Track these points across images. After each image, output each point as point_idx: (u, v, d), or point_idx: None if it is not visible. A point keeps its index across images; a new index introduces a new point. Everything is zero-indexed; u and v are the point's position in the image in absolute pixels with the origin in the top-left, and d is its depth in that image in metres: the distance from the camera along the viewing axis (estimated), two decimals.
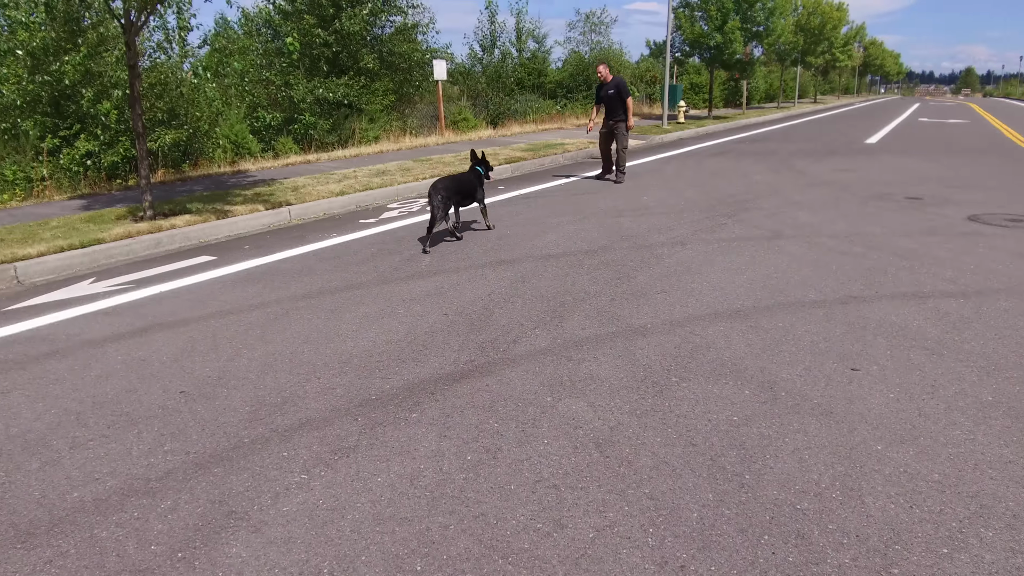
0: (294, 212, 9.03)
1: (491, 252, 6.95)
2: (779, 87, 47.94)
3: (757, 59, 32.88)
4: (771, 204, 9.38)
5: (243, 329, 4.94)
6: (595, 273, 6.10)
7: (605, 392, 3.80)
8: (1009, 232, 7.66)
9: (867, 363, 4.17)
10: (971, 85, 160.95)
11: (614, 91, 11.77)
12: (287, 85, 18.31)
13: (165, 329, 5.00)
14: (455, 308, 5.23)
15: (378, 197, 10.23)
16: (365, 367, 4.19)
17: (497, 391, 3.83)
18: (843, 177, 12.05)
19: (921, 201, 9.60)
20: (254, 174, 12.55)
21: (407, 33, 20.61)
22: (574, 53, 34.33)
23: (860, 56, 71.77)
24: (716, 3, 27.03)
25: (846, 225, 8.02)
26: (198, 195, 10.08)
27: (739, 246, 7.03)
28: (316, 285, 5.96)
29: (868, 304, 5.24)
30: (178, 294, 5.87)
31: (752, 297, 5.41)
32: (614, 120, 11.83)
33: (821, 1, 44.17)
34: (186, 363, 4.35)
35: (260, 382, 4.03)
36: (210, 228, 8.12)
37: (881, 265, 6.31)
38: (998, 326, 4.79)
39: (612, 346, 4.44)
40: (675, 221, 8.27)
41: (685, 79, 38.38)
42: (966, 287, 5.68)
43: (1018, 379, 3.96)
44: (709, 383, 3.90)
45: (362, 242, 7.57)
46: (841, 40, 49.20)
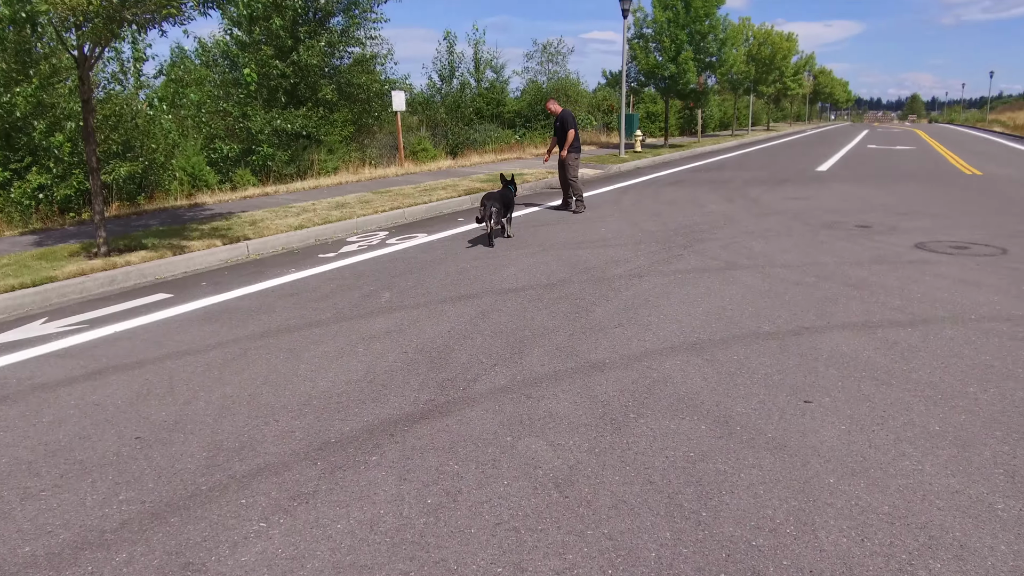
0: (252, 247, 8.97)
1: (451, 287, 6.98)
2: (733, 115, 48.99)
3: (711, 88, 33.64)
4: (726, 234, 9.57)
5: (200, 370, 4.89)
6: (554, 307, 6.16)
7: (564, 430, 3.83)
8: (954, 259, 7.92)
9: (819, 395, 4.28)
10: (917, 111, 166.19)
11: (559, 124, 12.07)
12: (245, 116, 18.24)
13: (120, 371, 4.92)
14: (415, 346, 5.24)
15: (337, 230, 10.22)
16: (324, 408, 4.17)
17: (457, 431, 3.84)
18: (796, 205, 12.35)
19: (870, 229, 9.88)
20: (211, 207, 12.44)
21: (365, 64, 20.70)
22: (532, 83, 34.79)
23: (810, 84, 73.74)
24: (670, 35, 27.61)
25: (799, 255, 8.22)
26: (154, 230, 9.96)
27: (695, 277, 7.16)
28: (275, 323, 5.92)
29: (820, 335, 5.37)
30: (133, 334, 5.78)
31: (708, 329, 5.51)
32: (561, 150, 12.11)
33: (771, 32, 45.44)
34: (141, 407, 4.29)
35: (217, 426, 3.99)
36: (166, 264, 8.02)
37: (832, 295, 6.48)
38: (944, 355, 4.94)
39: (571, 382, 4.49)
40: (633, 253, 8.39)
41: (641, 108, 39.08)
42: (913, 316, 5.85)
43: (963, 408, 4.09)
44: (666, 419, 3.96)
45: (321, 278, 7.55)
46: (791, 69, 50.57)
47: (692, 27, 27.82)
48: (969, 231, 9.73)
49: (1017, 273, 7.27)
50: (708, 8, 27.95)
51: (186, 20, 8.16)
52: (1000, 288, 6.70)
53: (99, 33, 7.61)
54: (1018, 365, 4.74)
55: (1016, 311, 5.96)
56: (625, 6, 23.27)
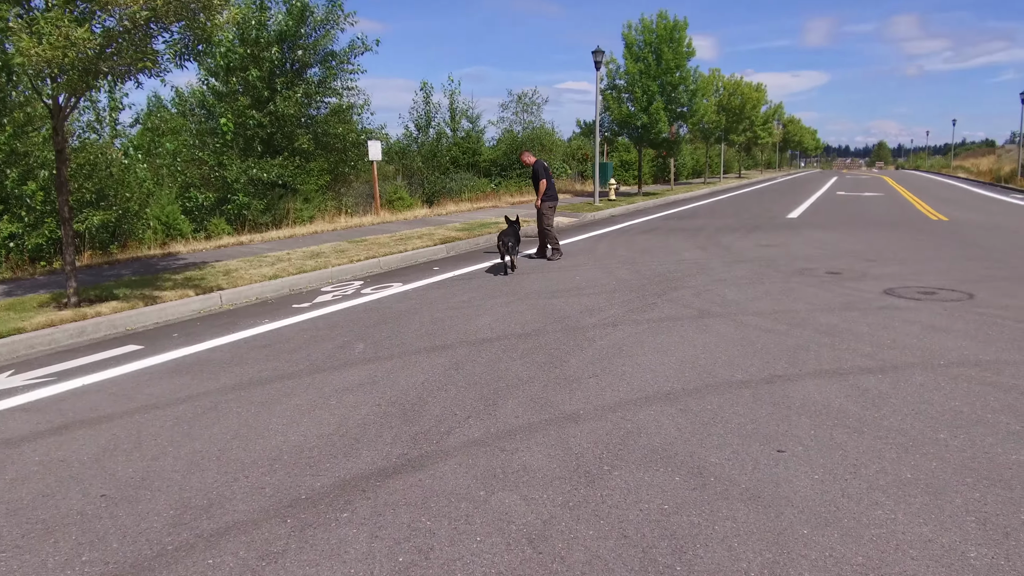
0: (226, 297, 8.91)
1: (426, 337, 6.96)
2: (705, 163, 49.88)
3: (683, 137, 34.25)
4: (699, 282, 9.67)
5: (169, 425, 4.81)
6: (528, 358, 6.16)
7: (538, 484, 3.81)
8: (922, 305, 8.04)
9: (792, 444, 4.29)
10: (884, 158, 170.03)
11: (533, 174, 12.38)
12: (221, 165, 18.26)
13: (87, 426, 4.83)
14: (388, 398, 5.20)
15: (312, 280, 10.19)
16: (296, 464, 4.12)
17: (430, 486, 3.80)
18: (767, 253, 12.53)
19: (840, 276, 10.03)
20: (185, 256, 12.37)
21: (342, 114, 20.88)
22: (507, 132, 35.24)
23: (780, 133, 75.43)
24: (641, 86, 28.23)
25: (770, 302, 8.31)
26: (126, 279, 9.87)
27: (669, 326, 7.21)
28: (247, 375, 5.86)
29: (792, 383, 5.41)
30: (102, 387, 5.69)
31: (681, 379, 5.53)
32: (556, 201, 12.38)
33: (741, 82, 46.59)
34: (108, 463, 4.20)
35: (185, 483, 3.92)
36: (137, 315, 7.94)
37: (804, 342, 6.54)
38: (914, 401, 4.99)
39: (545, 435, 4.47)
40: (606, 301, 8.44)
41: (615, 157, 39.67)
42: (884, 362, 5.92)
43: (934, 455, 4.12)
44: (640, 470, 3.95)
45: (295, 328, 7.50)
46: (761, 118, 51.74)
47: (663, 78, 28.49)
48: (936, 277, 9.91)
49: (984, 318, 7.40)
50: (678, 60, 28.68)
51: (162, 72, 8.21)
52: (968, 333, 6.81)
53: (74, 85, 7.64)
54: (987, 411, 4.80)
55: (984, 356, 6.05)
56: (598, 58, 23.80)
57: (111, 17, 7.39)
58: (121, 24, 7.30)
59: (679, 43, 28.70)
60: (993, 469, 3.93)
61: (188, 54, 8.33)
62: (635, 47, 28.91)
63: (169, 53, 8.05)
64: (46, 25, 6.86)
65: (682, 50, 28.81)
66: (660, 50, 28.29)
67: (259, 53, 18.54)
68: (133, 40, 7.44)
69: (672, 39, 28.49)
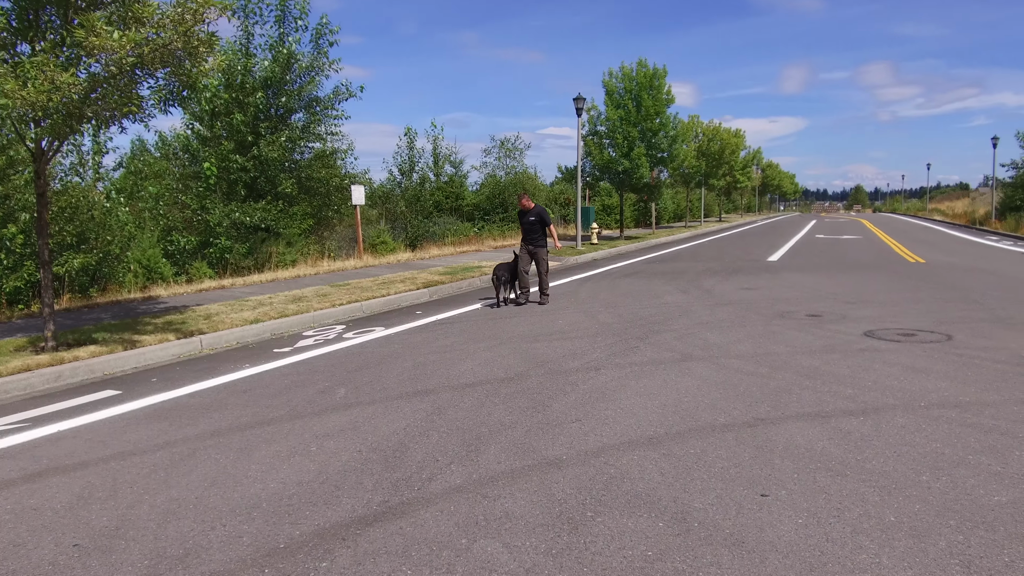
0: (206, 341, 8.84)
1: (408, 382, 6.92)
2: (686, 207, 50.45)
3: (664, 182, 34.70)
4: (681, 325, 9.71)
5: (146, 472, 4.73)
6: (511, 402, 6.13)
7: (521, 531, 3.76)
8: (902, 347, 8.11)
9: (776, 487, 4.28)
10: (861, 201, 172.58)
11: (535, 219, 12.34)
12: (203, 209, 18.25)
13: (61, 473, 4.74)
14: (369, 444, 5.15)
15: (293, 324, 10.13)
16: (275, 512, 4.05)
17: (411, 534, 3.75)
18: (748, 296, 12.62)
19: (821, 318, 10.11)
20: (166, 300, 12.28)
21: (326, 159, 20.99)
22: (491, 177, 35.53)
23: (759, 177, 76.63)
24: (622, 132, 28.65)
25: (752, 345, 8.35)
26: (105, 323, 9.77)
27: (651, 370, 7.22)
28: (226, 421, 5.79)
29: (775, 426, 5.42)
30: (78, 433, 5.60)
31: (664, 423, 5.52)
32: (534, 245, 12.31)
33: (719, 128, 47.42)
34: (82, 512, 4.12)
35: (161, 532, 3.84)
36: (116, 360, 7.85)
37: (786, 385, 6.56)
38: (896, 443, 5.00)
39: (527, 480, 4.43)
40: (589, 345, 8.45)
41: (597, 201, 40.05)
42: (865, 404, 5.94)
43: (917, 497, 4.12)
44: (624, 516, 3.92)
45: (275, 373, 7.44)
46: (740, 163, 52.63)
47: (644, 124, 28.94)
48: (915, 318, 10.02)
49: (963, 359, 7.47)
50: (658, 107, 29.18)
51: (147, 117, 8.25)
52: (947, 374, 6.87)
53: (58, 128, 7.65)
54: (968, 452, 4.82)
55: (963, 397, 6.10)
56: (579, 105, 24.17)
57: (97, 63, 7.45)
58: (107, 69, 7.35)
59: (659, 90, 29.24)
60: (976, 511, 3.93)
61: (173, 100, 8.38)
62: (616, 94, 29.41)
63: (154, 99, 8.09)
64: (32, 69, 6.89)
65: (662, 97, 29.34)
66: (640, 97, 28.80)
67: (244, 98, 18.68)
68: (118, 85, 7.48)
69: (652, 86, 29.02)
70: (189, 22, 7.38)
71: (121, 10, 7.56)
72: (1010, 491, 4.19)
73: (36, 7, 7.67)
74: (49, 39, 7.63)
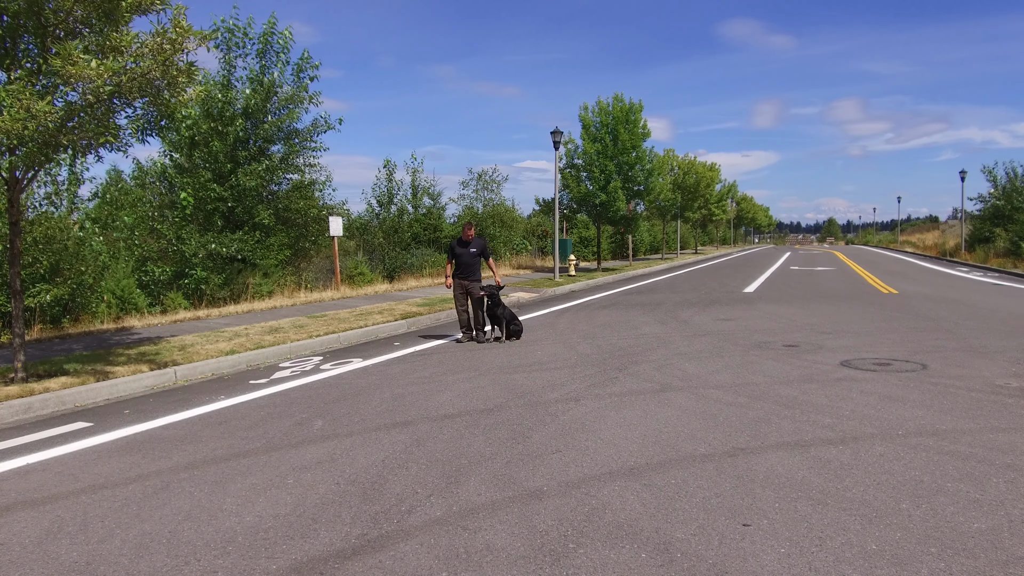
0: (180, 373, 8.70)
1: (386, 413, 6.85)
2: (662, 239, 50.88)
3: (640, 214, 34.97)
4: (659, 356, 9.73)
5: (118, 506, 4.61)
6: (491, 434, 6.08)
7: (502, 564, 3.70)
8: (878, 376, 8.18)
9: (757, 517, 4.26)
10: (834, 234, 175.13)
11: (476, 251, 11.46)
12: (179, 239, 18.08)
13: (29, 507, 4.61)
14: (347, 476, 5.07)
15: (270, 355, 10.02)
16: (250, 546, 3.96)
17: (390, 568, 3.67)
18: (725, 327, 12.69)
19: (798, 348, 10.18)
20: (140, 331, 12.11)
21: (304, 190, 20.92)
22: (468, 209, 35.62)
23: (734, 210, 77.56)
24: (599, 165, 28.94)
25: (731, 375, 8.37)
26: (77, 354, 9.60)
27: (631, 400, 7.21)
28: (200, 454, 5.68)
29: (755, 455, 5.41)
30: (47, 466, 5.46)
31: (645, 453, 5.50)
32: (469, 280, 11.34)
33: (695, 162, 48.09)
34: (51, 547, 4.00)
35: (133, 567, 3.73)
36: (87, 391, 7.70)
37: (765, 415, 6.57)
38: (875, 471, 5.02)
39: (508, 512, 4.38)
40: (568, 376, 8.43)
41: (574, 233, 40.28)
42: (844, 433, 5.96)
43: (898, 524, 4.12)
44: (606, 548, 3.87)
45: (251, 405, 7.33)
46: (716, 196, 53.30)
47: (620, 158, 29.28)
48: (890, 348, 10.12)
49: (938, 388, 7.54)
50: (635, 140, 29.55)
51: (124, 146, 8.21)
52: (923, 403, 6.93)
53: (33, 157, 7.58)
54: (946, 479, 4.85)
55: (940, 425, 6.14)
56: (556, 138, 24.40)
57: (74, 91, 7.41)
58: (84, 98, 7.31)
59: (635, 124, 29.64)
60: (956, 538, 3.94)
61: (151, 129, 8.35)
62: (592, 128, 29.76)
63: (132, 128, 8.06)
64: (7, 97, 6.84)
65: (638, 131, 29.73)
66: (616, 131, 29.15)
67: (223, 127, 18.63)
68: (95, 114, 7.44)
69: (628, 120, 29.41)
70: (168, 51, 7.38)
71: (99, 39, 7.55)
72: (989, 518, 4.21)
73: (13, 36, 7.64)
74: (25, 67, 7.60)
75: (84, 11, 7.50)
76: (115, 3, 7.41)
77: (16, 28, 7.60)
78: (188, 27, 7.43)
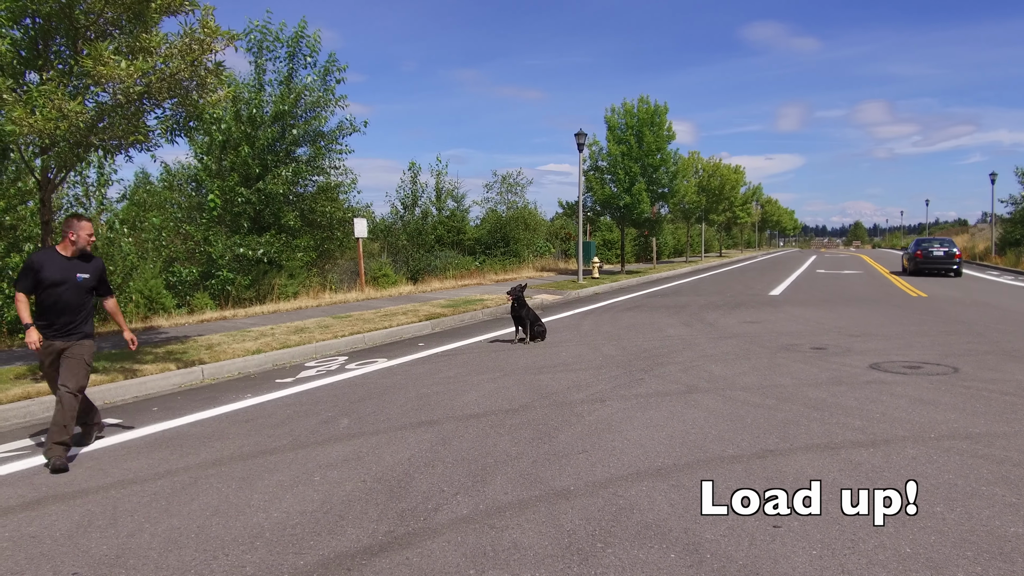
0: (207, 371, 8.77)
1: (411, 413, 6.85)
2: (686, 242, 50.56)
3: (664, 217, 34.81)
4: (685, 357, 9.65)
5: (147, 500, 4.65)
6: (516, 433, 6.06)
7: (530, 562, 3.68)
8: (908, 379, 8.05)
9: (788, 518, 4.20)
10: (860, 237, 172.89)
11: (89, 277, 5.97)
12: (206, 241, 18.26)
13: (60, 501, 4.66)
14: (374, 474, 5.07)
15: (296, 355, 10.07)
16: (278, 542, 3.97)
17: (418, 565, 3.66)
18: (751, 329, 12.57)
19: (825, 351, 10.05)
20: (167, 331, 12.23)
21: (329, 193, 21.06)
22: (492, 212, 35.69)
23: (758, 213, 76.98)
24: (624, 167, 28.81)
25: (758, 377, 8.28)
26: (105, 353, 9.71)
27: (657, 401, 7.15)
28: (228, 451, 5.71)
29: (784, 457, 5.34)
30: (77, 461, 5.52)
31: (672, 454, 5.45)
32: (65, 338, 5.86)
33: (719, 164, 47.71)
34: (81, 540, 4.03)
35: (162, 561, 3.75)
36: (116, 388, 7.78)
37: (793, 417, 6.49)
38: (907, 474, 4.93)
39: (535, 511, 4.35)
40: (594, 377, 8.39)
41: (598, 236, 40.16)
42: (875, 436, 5.87)
43: (932, 528, 4.05)
44: (634, 547, 3.84)
45: (277, 403, 7.36)
46: (740, 199, 52.84)
47: (645, 160, 29.12)
48: (920, 351, 9.96)
49: (970, 391, 7.41)
50: (659, 143, 29.38)
51: (153, 147, 8.30)
52: (956, 406, 6.81)
53: (65, 156, 7.69)
54: (981, 483, 4.75)
55: (974, 429, 6.03)
56: (581, 140, 24.35)
57: (104, 92, 7.50)
58: (114, 98, 7.40)
59: (660, 126, 29.47)
60: (992, 542, 3.86)
61: (179, 130, 8.44)
62: (617, 130, 29.64)
63: (161, 128, 8.14)
64: (39, 97, 6.94)
65: (663, 133, 29.56)
66: (642, 133, 29.01)
67: (253, 131, 18.82)
68: (125, 114, 7.53)
69: (653, 122, 29.25)
70: (196, 52, 7.45)
71: (129, 40, 7.64)
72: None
73: (45, 37, 7.75)
74: (57, 68, 7.70)
75: (114, 13, 7.59)
76: (144, 4, 7.49)
77: (48, 30, 7.71)
78: (216, 28, 7.50)
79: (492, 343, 11.36)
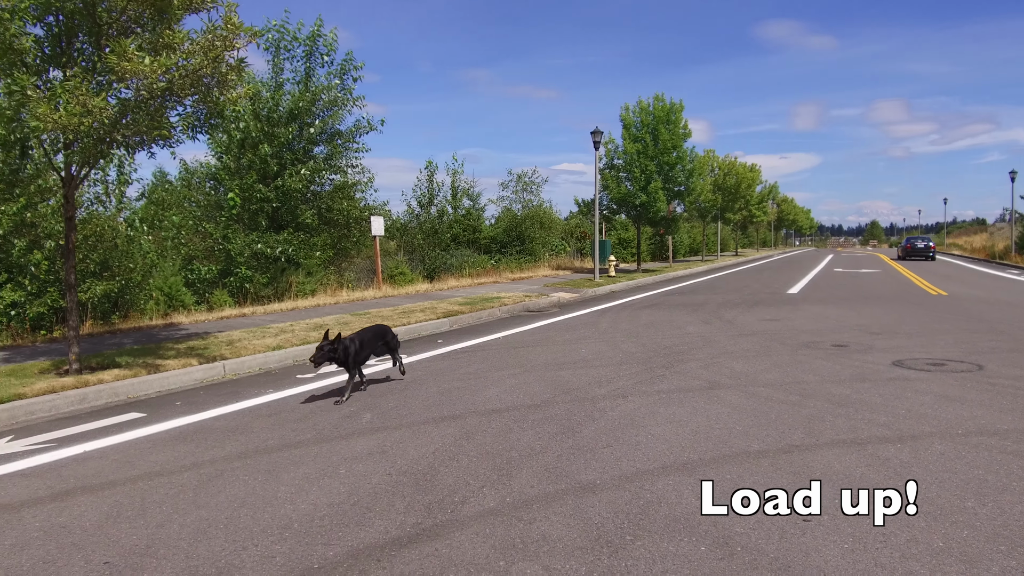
0: (229, 366, 8.81)
1: (434, 407, 6.85)
2: (702, 241, 50.38)
3: (680, 216, 34.67)
4: (706, 354, 9.61)
5: (174, 492, 4.67)
6: (540, 428, 6.05)
7: (559, 554, 3.67)
8: (933, 376, 7.97)
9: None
10: (877, 236, 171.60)
11: None
12: (225, 239, 18.37)
13: (89, 492, 4.69)
14: (399, 467, 5.07)
15: None
16: (307, 532, 3.97)
17: (447, 556, 3.66)
18: (771, 327, 12.49)
19: (847, 348, 9.98)
20: (187, 327, 12.30)
21: (346, 191, 21.12)
22: (507, 210, 35.67)
23: (774, 212, 76.55)
24: (640, 165, 28.73)
25: (780, 374, 8.23)
26: (128, 348, 9.78)
27: (679, 397, 7.12)
28: (252, 444, 5.73)
29: (810, 452, 5.30)
30: (104, 454, 5.56)
31: (697, 449, 5.42)
32: None
33: (735, 163, 47.48)
34: (111, 530, 4.06)
35: (192, 551, 3.77)
36: (140, 383, 7.83)
37: (818, 413, 6.44)
38: (936, 470, 4.88)
39: (563, 504, 4.34)
40: (615, 373, 8.36)
41: (613, 235, 40.09)
42: (901, 432, 5.82)
43: (965, 523, 4.00)
44: (664, 540, 3.82)
45: (300, 398, 7.39)
46: (756, 198, 52.56)
47: (661, 158, 29.03)
48: (943, 349, 9.87)
49: (997, 388, 7.33)
50: (675, 140, 29.28)
51: (175, 143, 8.34)
52: (983, 403, 6.73)
53: (88, 152, 7.74)
54: (1012, 479, 4.70)
55: (1001, 425, 5.97)
56: (596, 138, 24.29)
57: (127, 88, 7.54)
58: (137, 95, 7.44)
59: (676, 124, 29.37)
60: None
61: (200, 127, 8.47)
62: (633, 128, 29.56)
63: (182, 125, 8.18)
64: (64, 93, 6.99)
65: (679, 131, 29.46)
66: (657, 131, 28.91)
67: (271, 129, 18.92)
68: (148, 110, 7.57)
69: (669, 120, 29.15)
70: (219, 48, 7.48)
71: (152, 36, 7.68)
72: None
73: (69, 34, 7.80)
74: (81, 65, 7.75)
75: (137, 9, 7.62)
76: (167, 1, 7.53)
77: (72, 27, 7.76)
78: (240, 23, 7.52)
79: (511, 340, 11.35)
